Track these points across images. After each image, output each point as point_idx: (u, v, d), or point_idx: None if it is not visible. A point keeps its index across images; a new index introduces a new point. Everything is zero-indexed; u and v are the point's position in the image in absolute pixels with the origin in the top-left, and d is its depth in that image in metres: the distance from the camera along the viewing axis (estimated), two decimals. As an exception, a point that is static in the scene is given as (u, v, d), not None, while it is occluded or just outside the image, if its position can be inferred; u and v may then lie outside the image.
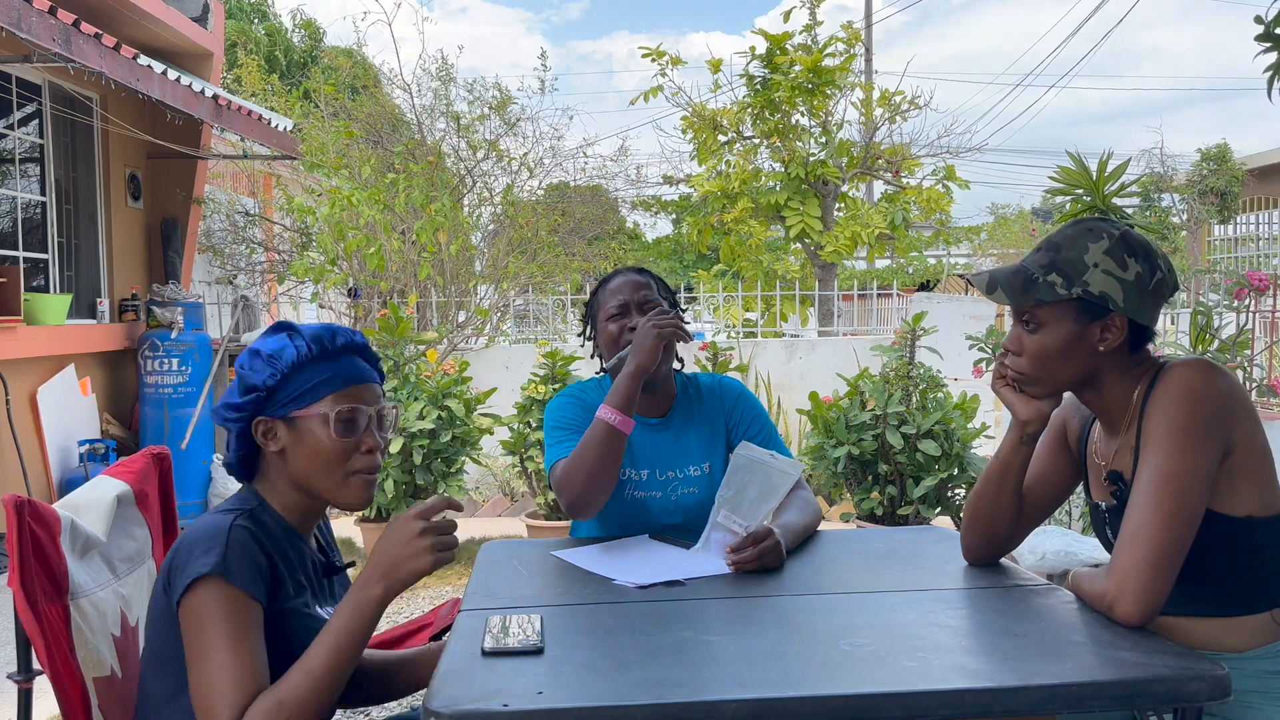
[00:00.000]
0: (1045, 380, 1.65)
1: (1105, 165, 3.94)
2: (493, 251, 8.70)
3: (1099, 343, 1.59)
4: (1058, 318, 1.60)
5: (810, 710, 1.25)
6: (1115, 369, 1.62)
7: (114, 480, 1.71)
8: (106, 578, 1.61)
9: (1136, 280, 1.57)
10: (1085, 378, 1.64)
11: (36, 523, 1.44)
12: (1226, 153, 12.43)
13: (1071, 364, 1.62)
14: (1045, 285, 1.59)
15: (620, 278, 2.29)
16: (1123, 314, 1.58)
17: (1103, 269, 1.57)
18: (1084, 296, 1.57)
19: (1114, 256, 1.57)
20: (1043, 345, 1.62)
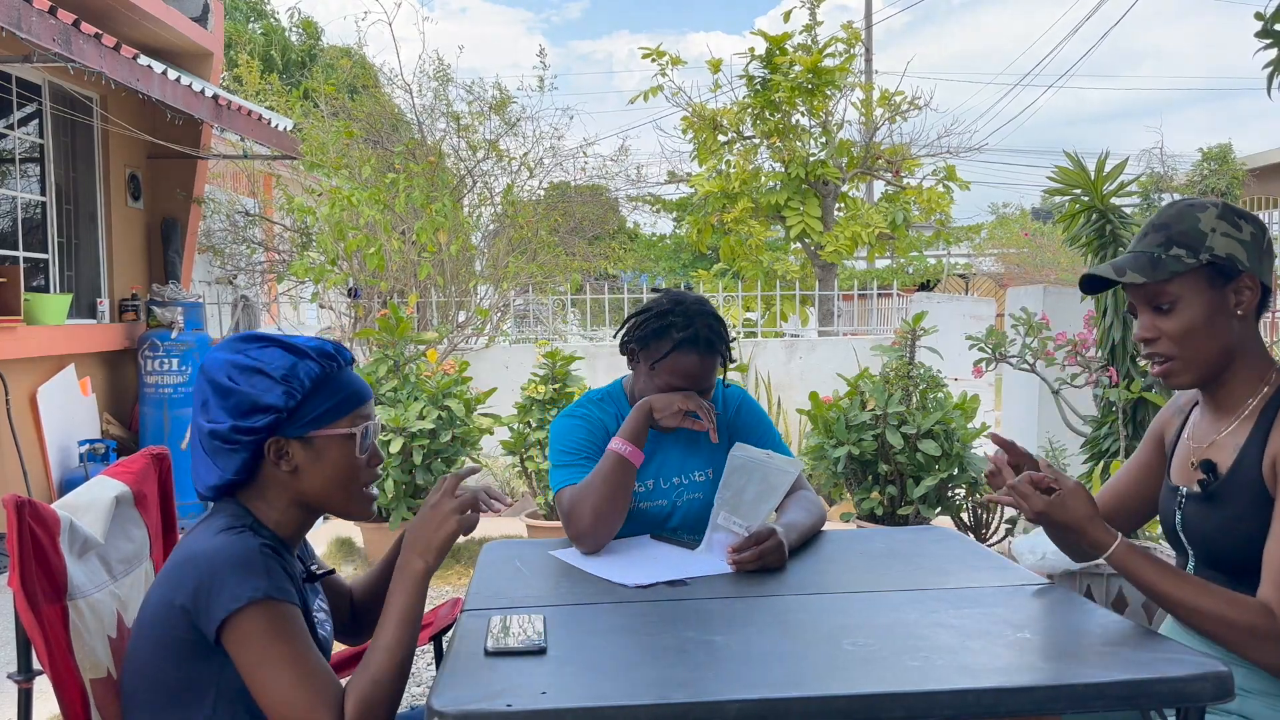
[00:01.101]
0: (1192, 360, 1.61)
1: (1103, 165, 3.94)
2: (493, 251, 8.70)
3: (1236, 306, 1.59)
4: (1192, 290, 1.59)
5: (813, 710, 1.25)
6: (1251, 344, 1.62)
7: (113, 481, 1.71)
8: (104, 579, 1.60)
9: (1253, 239, 1.59)
10: (1226, 354, 1.61)
11: (36, 523, 1.44)
12: (1227, 153, 12.43)
13: (1217, 335, 1.59)
14: (1171, 259, 1.59)
15: (695, 358, 2.10)
16: (1251, 273, 1.58)
17: (1220, 232, 1.58)
18: (1213, 260, 1.57)
19: (1227, 220, 1.59)
20: (1185, 322, 1.59)
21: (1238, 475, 1.58)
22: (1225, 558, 1.61)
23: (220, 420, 1.45)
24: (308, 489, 1.49)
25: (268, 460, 1.47)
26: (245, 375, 1.45)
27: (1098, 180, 3.94)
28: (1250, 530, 1.55)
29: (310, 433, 1.47)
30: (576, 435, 2.20)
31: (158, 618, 1.41)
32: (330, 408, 1.48)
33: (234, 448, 1.45)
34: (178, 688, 1.40)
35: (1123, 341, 4.01)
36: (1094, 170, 3.96)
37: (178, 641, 1.38)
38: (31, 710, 1.48)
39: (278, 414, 1.45)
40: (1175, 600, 1.51)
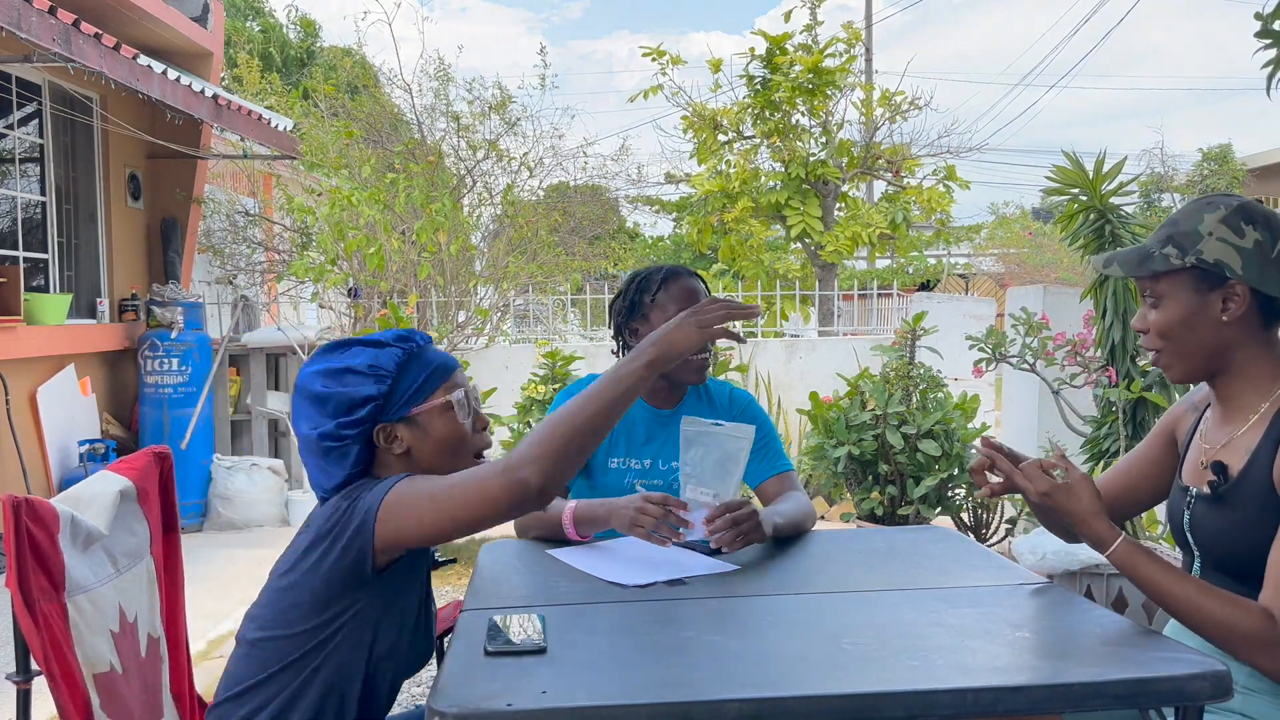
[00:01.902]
0: (1174, 356, 1.64)
1: (1101, 165, 3.94)
2: (493, 251, 8.70)
3: (1222, 313, 1.58)
4: (1176, 289, 1.60)
5: (813, 709, 1.26)
6: (1250, 351, 1.60)
7: (117, 476, 1.72)
8: (108, 572, 1.61)
9: (1256, 247, 1.55)
10: (1217, 355, 1.61)
11: (34, 521, 1.44)
12: (1228, 153, 12.44)
13: (1196, 336, 1.60)
14: (1160, 257, 1.60)
15: (685, 280, 2.25)
16: (1242, 281, 1.56)
17: (1218, 237, 1.56)
18: (1199, 264, 1.57)
19: (1229, 224, 1.57)
20: (1165, 319, 1.62)
21: (1248, 479, 1.57)
22: (1232, 561, 1.61)
23: (323, 424, 1.53)
24: (423, 465, 1.57)
25: (380, 448, 1.55)
26: (335, 378, 1.54)
27: (1096, 180, 3.94)
28: (1258, 534, 1.54)
29: (410, 411, 1.55)
30: None
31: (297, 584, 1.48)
32: (421, 384, 1.56)
33: (344, 443, 1.53)
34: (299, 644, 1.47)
35: (1122, 342, 4.01)
36: (1092, 170, 3.96)
37: (316, 598, 1.46)
38: (30, 711, 1.48)
39: (375, 402, 1.53)
40: (1176, 601, 1.51)
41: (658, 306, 2.24)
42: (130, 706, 1.57)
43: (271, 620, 1.51)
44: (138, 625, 1.66)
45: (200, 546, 5.44)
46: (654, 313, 2.24)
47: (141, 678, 1.63)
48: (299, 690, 1.48)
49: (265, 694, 1.49)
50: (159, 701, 1.68)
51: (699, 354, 2.22)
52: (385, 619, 1.53)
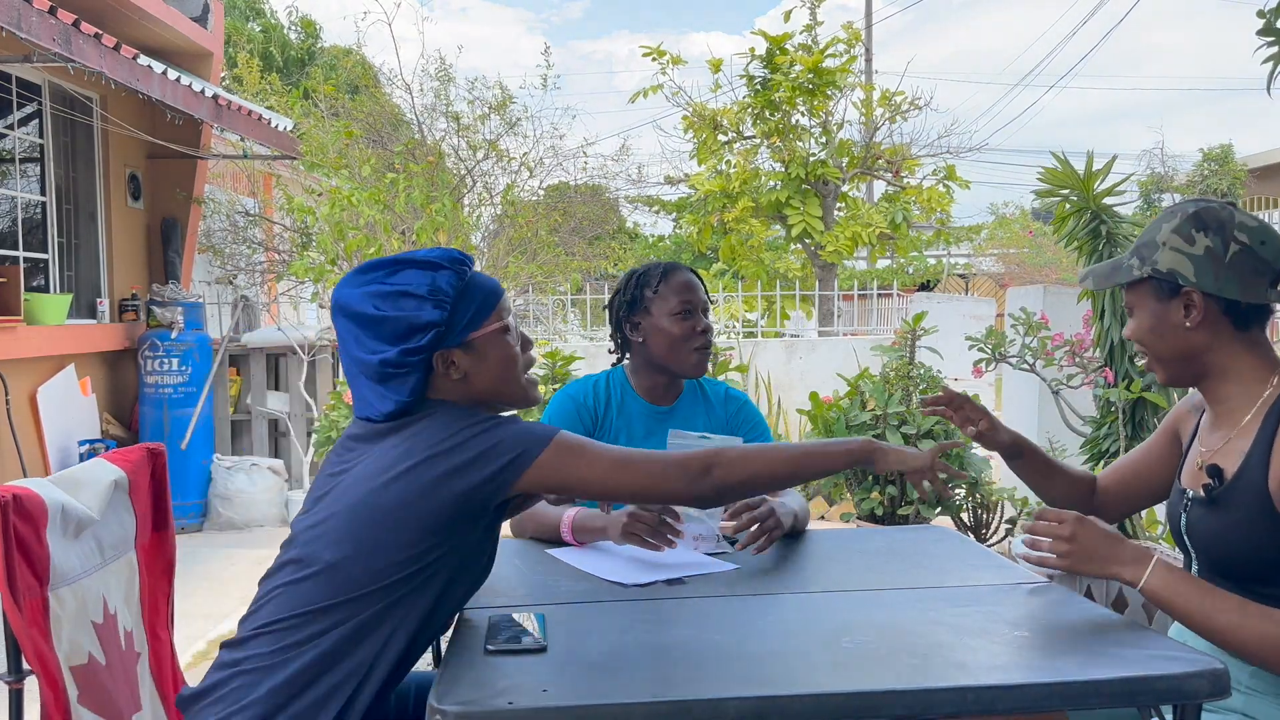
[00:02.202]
0: (1155, 362, 1.69)
1: (1091, 165, 3.92)
2: (493, 251, 8.70)
3: (1185, 320, 1.61)
4: (1141, 299, 1.67)
5: (812, 708, 1.26)
6: (1227, 352, 1.61)
7: (111, 465, 1.73)
8: (96, 561, 1.61)
9: (1207, 254, 1.57)
10: (1194, 359, 1.64)
11: (20, 518, 1.44)
12: (1229, 153, 12.44)
13: (1166, 343, 1.64)
14: (1125, 269, 1.67)
15: (684, 274, 2.30)
16: (1196, 289, 1.58)
17: (1170, 246, 1.60)
18: (1154, 275, 1.62)
19: (1181, 233, 1.60)
20: (1137, 328, 1.68)
21: (1241, 482, 1.57)
22: (1228, 564, 1.61)
23: (383, 349, 1.49)
24: (479, 389, 1.56)
25: (437, 374, 1.52)
26: (391, 300, 1.49)
27: (1088, 180, 3.93)
28: (1254, 537, 1.55)
29: (469, 336, 1.53)
30: (565, 421, 2.28)
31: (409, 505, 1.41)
32: (479, 308, 1.54)
33: (406, 370, 1.49)
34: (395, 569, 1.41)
35: (1121, 342, 4.01)
36: (1083, 171, 3.95)
37: (432, 525, 1.42)
38: (23, 711, 1.48)
39: (438, 329, 1.50)
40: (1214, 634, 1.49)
41: (659, 298, 2.25)
42: (113, 697, 1.57)
43: (360, 540, 1.41)
44: (118, 617, 1.67)
45: (200, 546, 5.45)
46: (655, 305, 2.25)
47: (122, 669, 1.64)
48: (372, 620, 1.41)
49: (331, 618, 1.41)
50: (137, 694, 1.69)
51: (698, 348, 2.25)
52: (475, 550, 1.51)
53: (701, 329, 2.26)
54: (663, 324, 2.24)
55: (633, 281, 2.32)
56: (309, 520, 1.49)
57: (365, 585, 1.41)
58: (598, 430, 2.30)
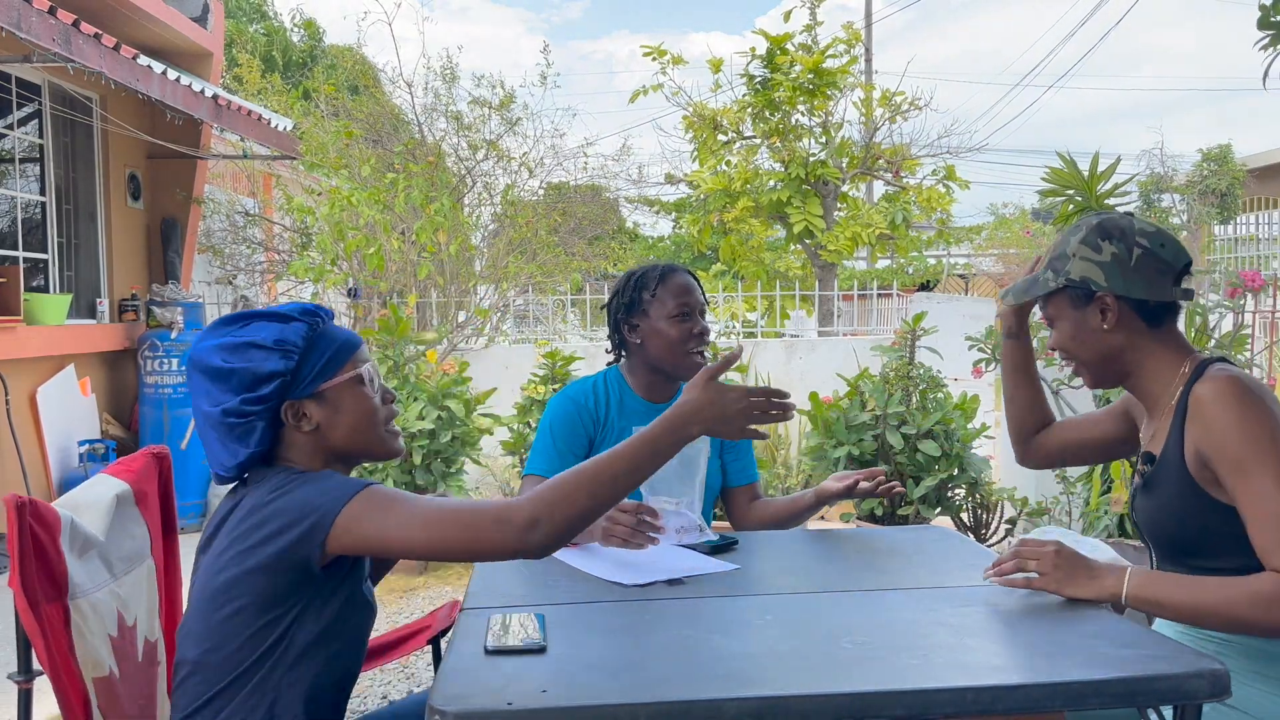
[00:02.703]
0: (1081, 367, 1.79)
1: (1096, 165, 3.93)
2: (493, 251, 8.70)
3: (1102, 323, 1.72)
4: (1060, 309, 1.77)
5: (812, 708, 1.26)
6: (1145, 350, 1.73)
7: (114, 479, 1.71)
8: (104, 578, 1.60)
9: (1114, 259, 1.70)
10: (1117, 359, 1.74)
11: (37, 522, 1.44)
12: (1228, 153, 12.43)
13: (1090, 346, 1.75)
14: (1041, 282, 1.78)
15: (681, 277, 2.31)
16: (1109, 292, 1.69)
17: (1080, 256, 1.72)
18: (1068, 284, 1.73)
19: (1088, 243, 1.72)
20: (1060, 336, 1.78)
21: (1165, 463, 1.69)
22: (1170, 543, 1.71)
23: (226, 400, 1.47)
24: (336, 441, 1.53)
25: (288, 426, 1.51)
26: (238, 352, 1.48)
27: (1091, 181, 3.93)
28: (1183, 513, 1.66)
29: (319, 387, 1.51)
30: (568, 423, 2.29)
31: (235, 584, 1.42)
32: (330, 359, 1.52)
33: (248, 420, 1.47)
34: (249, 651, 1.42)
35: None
36: (1087, 171, 3.95)
37: (261, 599, 1.41)
38: (31, 711, 1.48)
39: (282, 378, 1.48)
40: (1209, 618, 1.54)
41: (657, 301, 2.27)
42: (128, 710, 1.56)
43: (211, 632, 1.44)
44: (137, 629, 1.66)
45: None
46: (653, 308, 2.27)
47: (138, 682, 1.63)
48: (257, 699, 1.43)
49: (215, 709, 1.43)
50: (154, 706, 1.68)
51: (695, 350, 2.27)
52: (333, 603, 1.47)
53: (698, 331, 2.27)
54: (660, 326, 2.26)
55: (631, 283, 2.33)
56: (183, 621, 1.51)
57: (229, 673, 1.42)
58: (600, 431, 2.30)
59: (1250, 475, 1.54)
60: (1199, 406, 1.62)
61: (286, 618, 1.43)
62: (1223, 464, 1.58)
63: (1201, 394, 1.62)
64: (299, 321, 1.52)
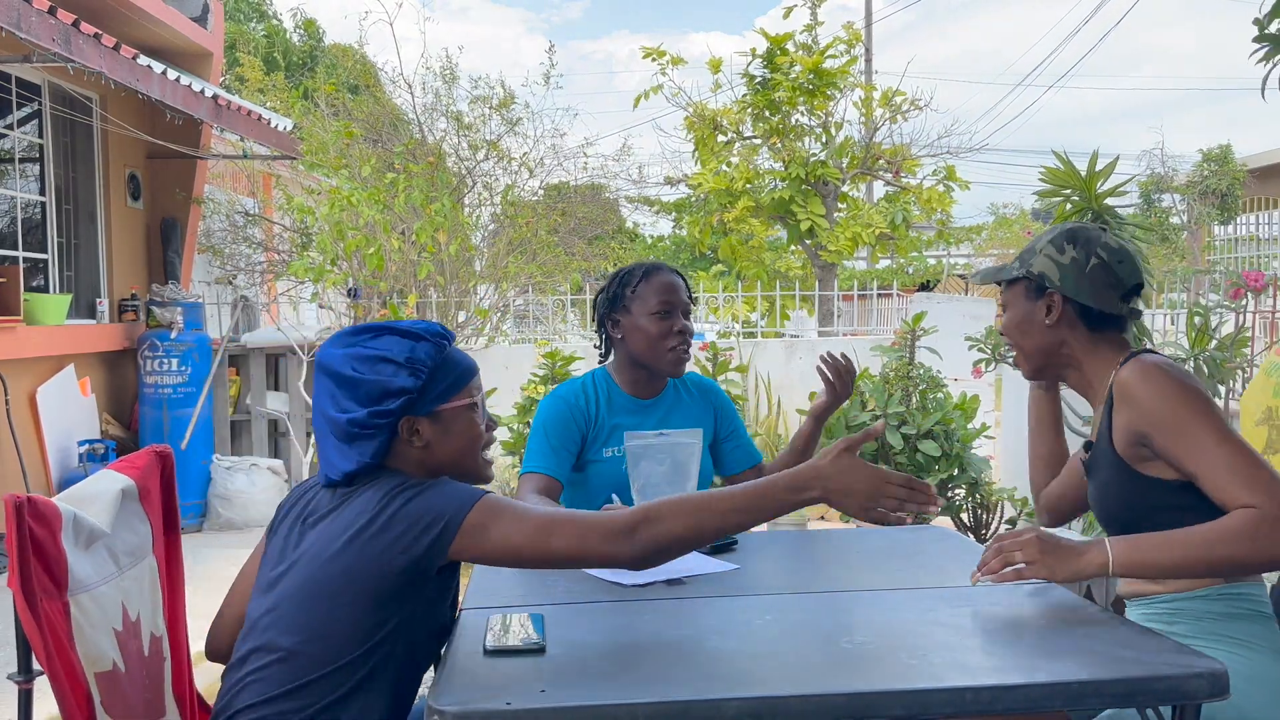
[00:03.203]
0: (1020, 354, 1.92)
1: (1094, 165, 3.92)
2: (493, 251, 8.70)
3: (1046, 318, 1.86)
4: (1015, 297, 1.91)
5: (811, 708, 1.26)
6: (1080, 349, 1.86)
7: (118, 474, 1.72)
8: (111, 570, 1.61)
9: (1072, 264, 1.83)
10: (1052, 353, 1.88)
11: (36, 520, 1.44)
12: (1228, 154, 12.43)
13: (1031, 337, 1.88)
14: (1007, 270, 1.93)
15: (668, 274, 2.33)
16: (1059, 292, 1.83)
17: (1045, 254, 1.86)
18: (1028, 275, 1.87)
19: (1055, 244, 1.86)
20: (1008, 322, 1.93)
21: (1099, 448, 1.83)
22: (1116, 523, 1.81)
23: (354, 410, 1.53)
24: (439, 460, 1.59)
25: (400, 439, 1.56)
26: (369, 364, 1.54)
27: (1090, 181, 3.92)
28: (1120, 493, 1.78)
29: (437, 408, 1.57)
30: (560, 422, 2.30)
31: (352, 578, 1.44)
32: (451, 382, 1.58)
33: (373, 432, 1.53)
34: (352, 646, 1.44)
35: (1122, 341, 4.01)
36: (1085, 171, 3.94)
37: (378, 598, 1.44)
38: (31, 711, 1.48)
39: (409, 396, 1.54)
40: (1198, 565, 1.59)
41: (638, 298, 2.30)
42: (133, 704, 1.56)
43: (313, 622, 1.46)
44: (140, 624, 1.66)
45: (200, 547, 5.44)
46: (635, 304, 2.30)
47: (144, 676, 1.63)
48: (347, 694, 1.45)
49: (304, 699, 1.44)
50: (161, 701, 1.68)
51: (675, 347, 2.29)
52: (431, 613, 1.52)
53: (679, 329, 2.29)
54: (641, 323, 2.29)
55: (616, 280, 2.37)
56: (266, 604, 1.52)
57: (325, 665, 1.44)
58: (592, 428, 2.32)
59: (1190, 435, 1.65)
60: (1124, 391, 1.74)
61: (393, 619, 1.46)
62: (1162, 435, 1.68)
63: (1124, 379, 1.75)
64: (429, 342, 1.57)
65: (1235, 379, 4.10)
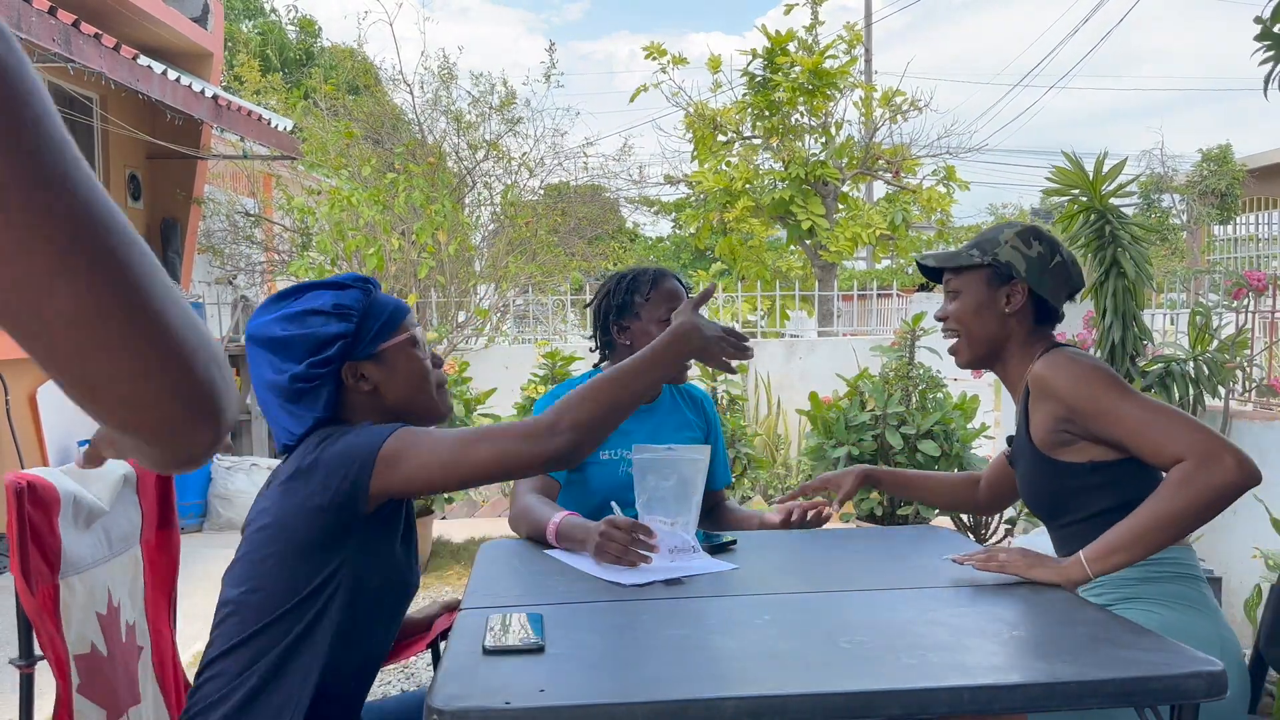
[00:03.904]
0: (965, 341, 2.00)
1: (1102, 165, 3.94)
2: (493, 251, 8.70)
3: (1005, 306, 1.95)
4: (972, 283, 1.98)
5: (810, 707, 1.26)
6: (1020, 341, 1.96)
7: (123, 461, 1.74)
8: (104, 552, 1.63)
9: (1039, 258, 1.94)
10: (998, 342, 1.97)
11: (34, 506, 1.46)
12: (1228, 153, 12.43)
13: (984, 324, 1.97)
14: (966, 255, 1.99)
15: (673, 283, 2.34)
16: (1024, 282, 1.93)
17: (1011, 245, 1.95)
18: (994, 263, 1.95)
19: (1021, 238, 1.96)
20: (961, 308, 1.98)
21: (1018, 441, 1.96)
22: (1041, 509, 1.95)
23: (292, 366, 1.53)
24: (391, 400, 1.60)
25: (348, 387, 1.57)
26: (298, 320, 1.54)
27: (1096, 181, 3.93)
28: (1039, 481, 1.91)
29: (378, 347, 1.58)
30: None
31: (281, 527, 1.47)
32: (385, 321, 1.59)
33: (315, 384, 1.53)
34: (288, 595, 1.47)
35: (1122, 342, 4.01)
36: (1093, 171, 3.96)
37: (307, 545, 1.46)
38: (33, 695, 1.49)
39: (344, 340, 1.55)
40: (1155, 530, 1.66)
41: (650, 305, 2.31)
42: (114, 687, 1.58)
43: (254, 573, 1.49)
44: (120, 610, 1.68)
45: (200, 546, 5.44)
46: (644, 311, 2.31)
47: (121, 661, 1.65)
48: (292, 645, 1.47)
49: (253, 650, 1.47)
50: (136, 688, 1.70)
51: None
52: (373, 561, 1.52)
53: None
54: (651, 330, 2.29)
55: (622, 286, 2.36)
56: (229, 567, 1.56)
57: (266, 615, 1.46)
58: None
59: (1111, 409, 1.75)
60: (1038, 385, 1.86)
61: (327, 566, 1.47)
62: (1084, 417, 1.79)
63: (1037, 373, 1.86)
64: (353, 288, 1.59)
65: (1235, 380, 4.10)
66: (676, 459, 1.98)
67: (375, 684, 3.43)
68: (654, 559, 1.89)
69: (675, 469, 1.97)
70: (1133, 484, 1.81)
